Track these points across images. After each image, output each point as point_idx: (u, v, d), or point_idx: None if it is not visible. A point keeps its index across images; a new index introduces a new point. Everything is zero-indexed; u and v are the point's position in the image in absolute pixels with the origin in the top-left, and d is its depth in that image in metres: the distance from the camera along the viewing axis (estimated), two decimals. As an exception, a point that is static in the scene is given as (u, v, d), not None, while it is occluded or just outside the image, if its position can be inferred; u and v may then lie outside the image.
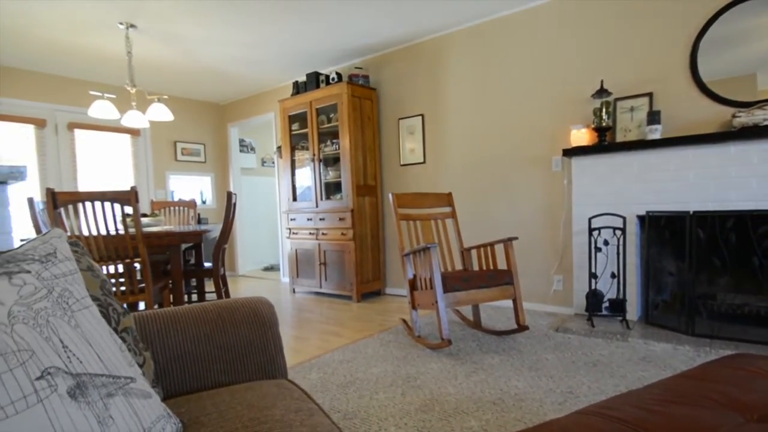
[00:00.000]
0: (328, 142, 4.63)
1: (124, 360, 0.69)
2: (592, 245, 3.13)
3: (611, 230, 3.12)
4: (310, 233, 4.70)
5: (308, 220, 4.70)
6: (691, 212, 2.74)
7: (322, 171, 4.62)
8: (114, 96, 3.92)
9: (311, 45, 4.27)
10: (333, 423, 0.84)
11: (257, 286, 5.53)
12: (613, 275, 3.09)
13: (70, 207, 2.79)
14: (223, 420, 0.81)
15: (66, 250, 0.73)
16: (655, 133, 2.90)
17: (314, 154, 4.61)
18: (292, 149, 4.92)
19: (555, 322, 3.27)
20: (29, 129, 4.72)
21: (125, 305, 1.31)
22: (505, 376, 2.31)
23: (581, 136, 3.21)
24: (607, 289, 3.16)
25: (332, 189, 4.74)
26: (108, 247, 2.66)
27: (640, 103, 3.10)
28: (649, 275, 3.02)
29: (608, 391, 2.09)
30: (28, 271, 0.64)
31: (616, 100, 3.18)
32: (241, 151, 6.79)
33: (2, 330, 0.55)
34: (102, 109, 3.54)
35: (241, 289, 5.41)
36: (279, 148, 5.54)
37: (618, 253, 3.02)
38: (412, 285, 2.94)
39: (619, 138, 3.17)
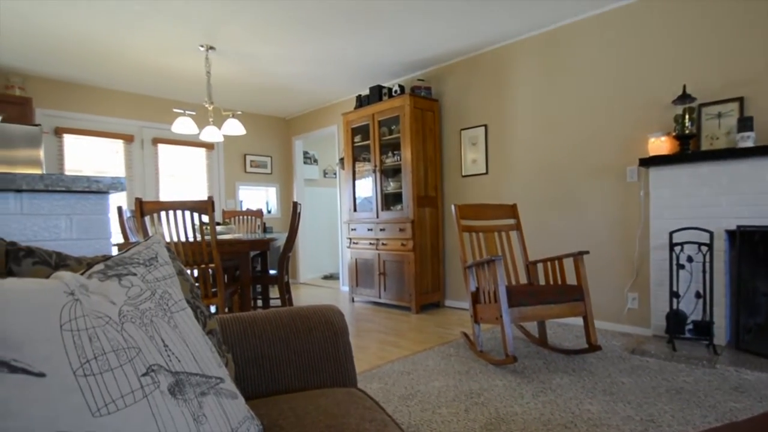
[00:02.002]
0: (390, 154, 4.68)
1: (215, 361, 0.73)
2: (674, 262, 2.90)
3: (696, 246, 2.87)
4: (370, 243, 4.75)
5: (368, 230, 4.76)
6: (793, 227, 2.47)
7: (383, 182, 4.67)
8: (194, 113, 4.23)
9: (374, 59, 4.37)
10: (407, 436, 0.84)
11: (318, 294, 5.66)
12: (698, 295, 2.84)
13: (154, 215, 3.02)
14: (300, 425, 0.83)
15: (165, 255, 0.78)
16: (747, 140, 2.65)
17: (376, 165, 4.67)
18: (354, 160, 5.03)
19: (630, 343, 3.05)
20: (119, 144, 5.20)
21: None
22: (577, 398, 2.18)
23: (660, 145, 3.00)
24: (691, 309, 2.91)
25: (393, 200, 4.78)
26: (186, 253, 2.85)
27: (728, 108, 2.85)
28: (739, 295, 2.74)
29: (695, 422, 1.91)
30: (135, 274, 0.69)
31: (701, 105, 2.95)
32: (304, 162, 7.04)
33: (114, 328, 0.60)
34: (184, 125, 3.82)
35: (302, 296, 5.56)
36: (341, 159, 5.68)
37: (704, 271, 2.77)
38: (475, 298, 2.87)
39: (705, 146, 2.93)
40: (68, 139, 4.83)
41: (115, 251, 3.12)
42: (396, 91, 4.50)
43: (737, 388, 2.25)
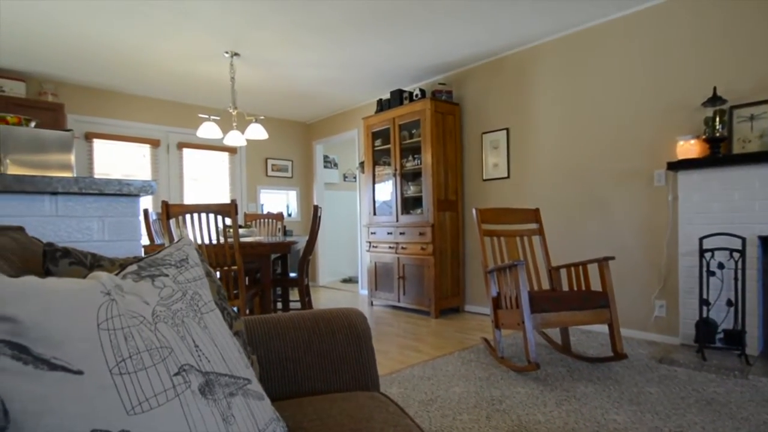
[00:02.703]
0: (410, 158, 4.68)
1: (242, 362, 0.74)
2: (704, 268, 2.81)
3: (727, 252, 2.78)
4: (390, 247, 4.75)
5: (388, 233, 4.76)
6: (832, 234, 2.36)
7: (403, 186, 4.67)
8: (218, 118, 4.32)
9: (395, 64, 4.38)
10: (432, 442, 0.83)
11: (337, 297, 5.68)
12: (729, 303, 2.74)
13: (180, 218, 3.08)
14: (325, 428, 0.83)
15: (195, 257, 0.80)
16: (783, 143, 2.56)
17: (396, 169, 4.68)
18: (374, 164, 5.04)
19: (657, 352, 2.96)
20: (146, 148, 5.34)
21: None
22: (602, 407, 2.13)
23: (690, 148, 2.92)
24: (722, 318, 2.81)
25: (412, 203, 4.77)
26: (209, 255, 2.90)
27: (761, 110, 2.75)
28: (775, 305, 2.64)
29: (728, 435, 1.84)
30: (167, 275, 0.71)
31: (732, 108, 2.86)
32: (324, 166, 7.10)
33: (148, 328, 0.61)
34: (208, 130, 3.90)
35: (321, 299, 5.59)
36: (362, 163, 5.70)
37: (736, 278, 2.68)
38: (496, 303, 2.84)
39: (737, 150, 2.83)
40: (98, 143, 4.99)
41: (142, 253, 3.19)
42: (417, 95, 4.50)
43: (772, 400, 2.17)
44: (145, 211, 3.74)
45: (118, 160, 5.15)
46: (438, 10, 3.28)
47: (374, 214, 5.03)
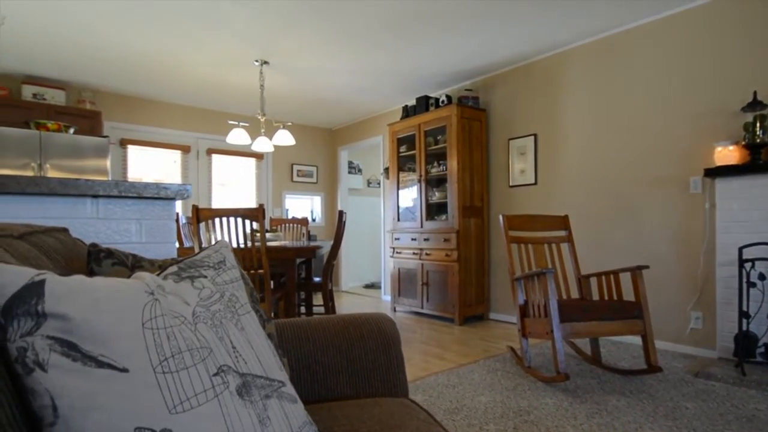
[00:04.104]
0: (435, 164, 4.66)
1: (276, 364, 0.74)
2: (744, 279, 2.69)
3: (768, 263, 2.66)
4: (414, 253, 4.73)
5: (412, 239, 4.75)
6: None
7: (427, 192, 4.66)
8: (247, 124, 4.41)
9: (422, 70, 4.39)
10: (464, 451, 0.81)
11: (360, 303, 5.69)
12: (771, 316, 2.62)
13: (209, 222, 3.15)
14: (357, 433, 0.82)
15: (232, 259, 0.81)
16: (830, 149, 2.43)
17: (421, 175, 4.67)
18: (399, 170, 5.05)
19: (693, 366, 2.85)
20: (177, 154, 5.49)
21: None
22: (636, 422, 2.06)
23: (728, 155, 2.81)
24: (763, 331, 2.68)
25: (437, 210, 4.75)
26: (237, 258, 2.95)
27: (806, 114, 2.63)
28: (822, 319, 2.50)
29: (772, 456, 1.75)
30: (205, 276, 0.72)
31: (774, 111, 2.74)
32: (349, 172, 7.15)
33: (189, 328, 0.62)
34: (238, 136, 3.99)
35: (344, 304, 5.61)
36: (386, 169, 5.72)
37: (778, 291, 2.56)
38: (523, 311, 2.79)
39: (779, 155, 2.71)
40: (131, 149, 5.16)
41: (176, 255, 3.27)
42: (443, 102, 4.49)
43: (820, 420, 2.05)
44: (176, 215, 3.84)
45: (150, 165, 5.31)
46: (465, 15, 3.28)
47: (398, 219, 5.03)
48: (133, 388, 0.54)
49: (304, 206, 6.72)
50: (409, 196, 4.96)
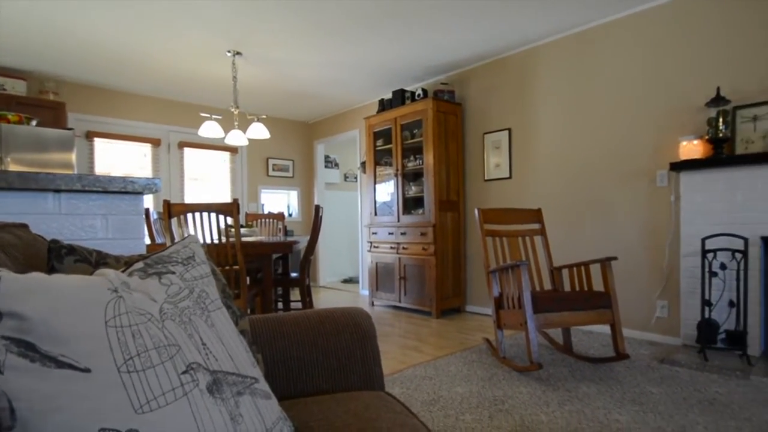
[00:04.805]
0: (412, 158, 4.67)
1: (249, 360, 0.73)
2: (706, 269, 2.80)
3: (729, 253, 2.77)
4: (391, 247, 4.74)
5: (389, 234, 4.75)
6: (835, 235, 2.36)
7: (404, 186, 4.67)
8: (220, 117, 4.31)
9: (398, 64, 4.37)
10: (439, 442, 0.82)
11: (337, 298, 5.68)
12: (731, 303, 2.74)
13: (181, 217, 3.08)
14: (332, 428, 0.82)
15: (202, 255, 0.79)
16: (786, 143, 2.55)
17: (397, 170, 4.67)
18: (376, 164, 5.04)
19: (659, 353, 2.96)
20: (147, 147, 5.33)
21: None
22: (605, 407, 2.13)
23: (692, 149, 2.91)
24: (724, 319, 2.81)
25: (414, 204, 4.76)
26: (211, 254, 2.89)
27: (765, 111, 2.75)
28: (778, 306, 2.63)
29: (732, 436, 1.83)
30: (173, 272, 0.70)
31: (735, 108, 2.86)
32: (325, 166, 7.09)
33: (155, 325, 0.60)
34: (210, 129, 3.89)
35: (322, 299, 5.59)
36: (363, 163, 5.70)
37: (738, 279, 2.67)
38: (498, 303, 2.83)
39: (740, 150, 2.83)
40: (99, 142, 4.98)
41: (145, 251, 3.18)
42: (419, 95, 4.49)
43: (775, 401, 2.16)
44: (146, 210, 3.73)
45: (118, 159, 5.14)
46: (441, 9, 3.28)
47: (375, 214, 5.03)
48: (97, 389, 0.53)
49: (280, 201, 6.64)
50: (386, 190, 4.96)
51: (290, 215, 6.72)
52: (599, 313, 2.61)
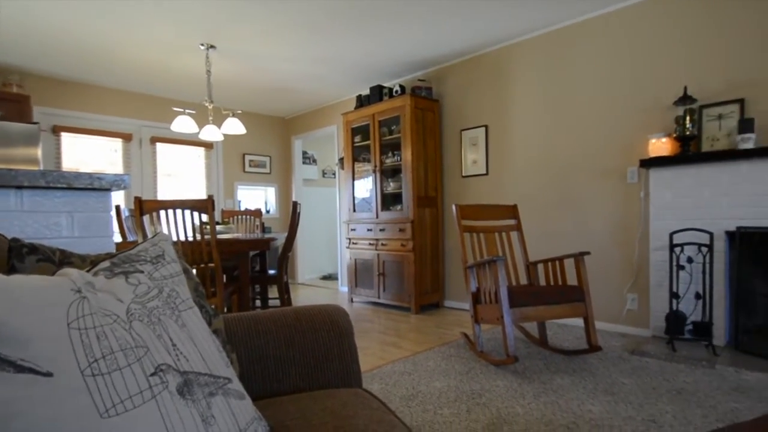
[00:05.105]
0: (390, 154, 4.67)
1: (222, 360, 0.72)
2: (674, 263, 2.90)
3: (696, 247, 2.88)
4: (370, 243, 4.74)
5: (368, 230, 4.75)
6: (793, 229, 2.47)
7: (383, 182, 4.66)
8: (194, 112, 4.21)
9: (376, 59, 4.36)
10: (415, 437, 0.83)
11: (316, 295, 5.65)
12: (697, 296, 2.84)
13: (153, 214, 3.00)
14: (308, 426, 0.81)
15: (172, 253, 0.77)
16: (748, 142, 2.66)
17: (375, 166, 4.66)
18: (354, 161, 5.02)
19: (630, 344, 3.05)
20: (117, 143, 5.17)
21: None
22: (578, 398, 2.18)
23: (661, 146, 3.00)
24: (691, 310, 2.91)
25: (392, 200, 4.77)
26: (185, 252, 2.83)
27: (729, 110, 2.85)
28: (739, 297, 2.74)
29: (696, 422, 1.90)
30: (142, 272, 0.68)
31: (702, 107, 2.95)
32: (303, 162, 7.02)
33: (122, 326, 0.58)
34: (183, 124, 3.80)
35: (300, 296, 5.55)
36: (341, 159, 5.67)
37: (704, 272, 2.78)
38: (476, 298, 2.87)
39: (705, 148, 2.93)
40: (66, 137, 4.80)
41: (114, 250, 3.08)
42: (397, 91, 4.49)
43: (737, 388, 2.25)
44: (117, 207, 3.63)
45: (88, 154, 4.97)
46: (418, 5, 3.28)
47: (354, 210, 5.01)
48: (59, 393, 0.51)
49: (257, 197, 6.55)
50: (365, 186, 4.95)
51: (268, 212, 6.63)
52: (573, 306, 2.67)
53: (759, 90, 2.77)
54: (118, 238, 4.29)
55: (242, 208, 6.26)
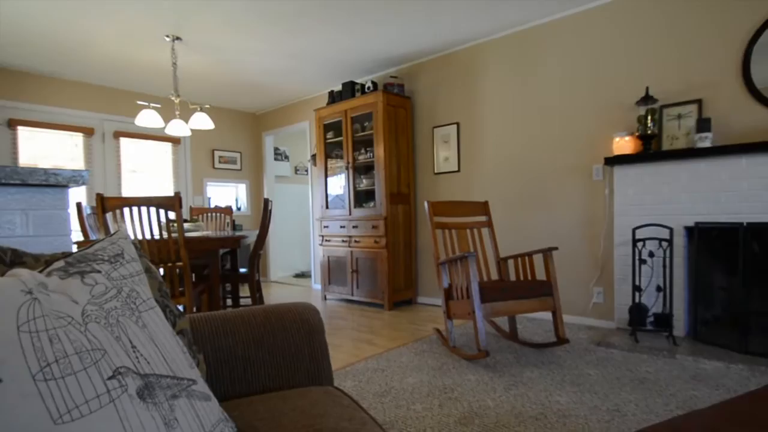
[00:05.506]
0: (362, 150, 4.65)
1: (186, 362, 0.70)
2: (636, 257, 3.01)
3: (657, 242, 2.99)
4: (343, 241, 4.72)
5: (341, 227, 4.73)
6: (745, 224, 2.60)
7: (355, 179, 4.65)
8: (159, 106, 4.08)
9: (348, 55, 4.33)
10: (385, 433, 0.83)
11: (289, 293, 5.59)
12: (658, 288, 2.96)
13: (117, 211, 2.89)
14: (277, 426, 0.80)
15: (132, 252, 0.74)
16: (705, 141, 2.78)
17: (348, 162, 4.64)
18: (326, 157, 4.98)
19: (596, 336, 3.15)
20: (78, 137, 4.96)
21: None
22: (546, 390, 2.24)
23: (624, 145, 3.10)
24: (652, 303, 3.03)
25: (365, 197, 4.76)
26: (152, 251, 2.75)
27: (688, 110, 2.97)
28: (697, 289, 2.87)
29: (658, 410, 1.99)
30: (99, 271, 0.65)
31: (662, 107, 3.07)
32: (275, 159, 6.92)
33: (77, 329, 0.56)
34: (148, 118, 3.68)
35: (273, 295, 5.48)
36: (313, 156, 5.61)
37: (664, 266, 2.89)
38: (448, 294, 2.90)
39: (666, 146, 3.05)
40: (23, 131, 4.57)
41: (74, 249, 2.96)
42: (369, 88, 4.47)
43: (695, 376, 2.36)
44: (78, 205, 3.48)
45: (46, 150, 4.75)
46: (388, 3, 3.27)
47: (327, 207, 4.98)
48: (9, 400, 0.48)
49: (228, 194, 6.41)
50: (338, 183, 4.92)
51: (239, 209, 6.51)
52: (542, 301, 2.73)
53: (716, 90, 2.90)
54: (80, 236, 4.12)
55: (212, 206, 6.12)
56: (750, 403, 1.03)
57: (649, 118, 2.98)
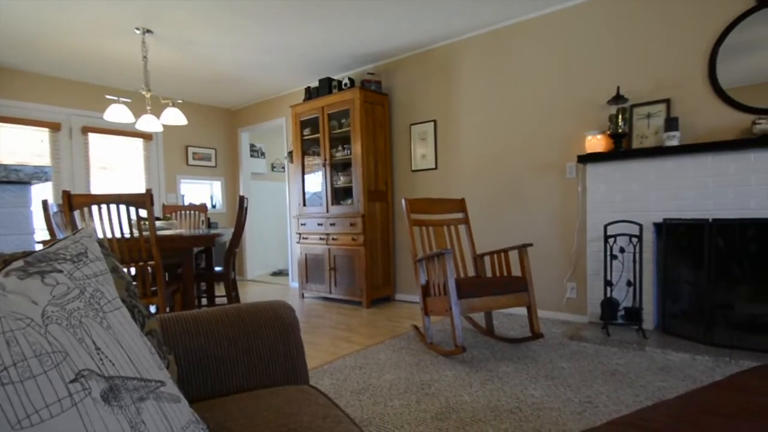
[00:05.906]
0: (340, 148, 4.63)
1: (154, 363, 0.68)
2: (608, 253, 3.09)
3: (627, 238, 3.08)
4: (321, 238, 4.69)
5: (318, 225, 4.69)
6: (710, 220, 2.70)
7: (333, 176, 4.62)
8: (129, 100, 3.96)
9: (324, 51, 4.29)
10: (361, 431, 0.82)
11: (266, 291, 5.52)
12: (629, 283, 3.05)
13: (85, 209, 2.80)
14: (250, 426, 0.79)
15: (96, 250, 0.72)
16: (673, 139, 2.87)
17: (325, 159, 4.61)
18: (303, 154, 4.93)
19: (569, 330, 3.22)
20: (44, 133, 4.78)
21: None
22: (521, 384, 2.28)
23: (597, 143, 3.18)
24: (623, 297, 3.12)
25: (343, 194, 4.74)
26: (122, 250, 2.67)
27: (657, 109, 3.06)
28: (665, 284, 2.97)
29: (628, 401, 2.05)
30: (60, 271, 0.63)
31: (633, 106, 3.15)
32: (251, 156, 6.82)
33: (37, 331, 0.54)
34: (117, 113, 3.56)
35: (249, 293, 5.40)
36: (290, 153, 5.55)
37: (634, 261, 2.98)
38: (425, 291, 2.91)
39: (636, 145, 3.13)
40: (-18, 126, 4.37)
41: (39, 249, 2.84)
42: (346, 84, 4.45)
43: (664, 368, 2.44)
44: (44, 202, 3.35)
45: (10, 145, 4.55)
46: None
47: (304, 204, 4.94)
48: (-40, 407, 0.46)
49: (202, 192, 6.28)
50: (315, 180, 4.88)
51: (214, 207, 6.39)
52: (517, 296, 2.78)
53: (683, 90, 2.99)
54: (46, 235, 3.97)
55: (186, 203, 5.99)
56: (715, 393, 1.07)
57: (620, 117, 3.05)
